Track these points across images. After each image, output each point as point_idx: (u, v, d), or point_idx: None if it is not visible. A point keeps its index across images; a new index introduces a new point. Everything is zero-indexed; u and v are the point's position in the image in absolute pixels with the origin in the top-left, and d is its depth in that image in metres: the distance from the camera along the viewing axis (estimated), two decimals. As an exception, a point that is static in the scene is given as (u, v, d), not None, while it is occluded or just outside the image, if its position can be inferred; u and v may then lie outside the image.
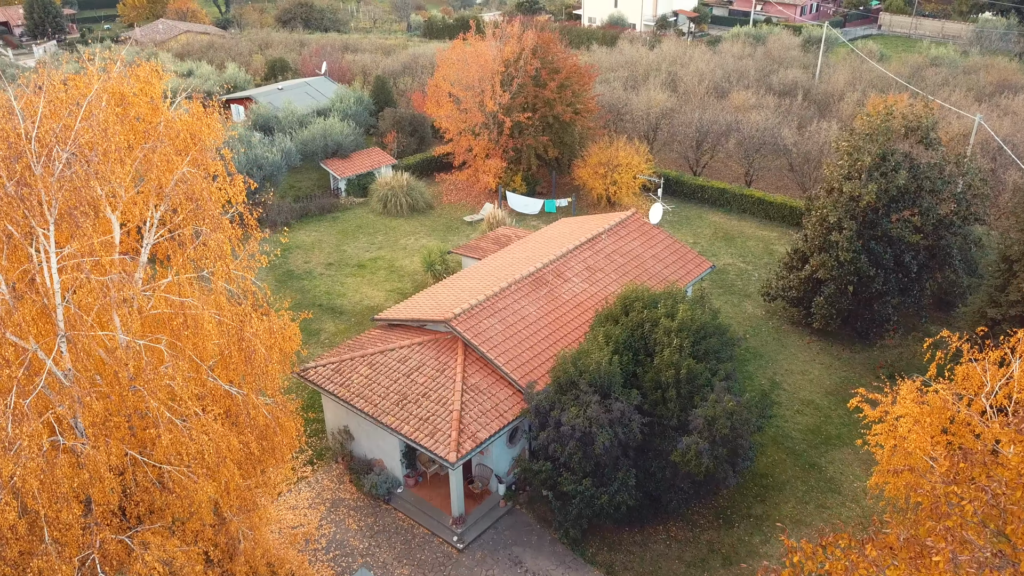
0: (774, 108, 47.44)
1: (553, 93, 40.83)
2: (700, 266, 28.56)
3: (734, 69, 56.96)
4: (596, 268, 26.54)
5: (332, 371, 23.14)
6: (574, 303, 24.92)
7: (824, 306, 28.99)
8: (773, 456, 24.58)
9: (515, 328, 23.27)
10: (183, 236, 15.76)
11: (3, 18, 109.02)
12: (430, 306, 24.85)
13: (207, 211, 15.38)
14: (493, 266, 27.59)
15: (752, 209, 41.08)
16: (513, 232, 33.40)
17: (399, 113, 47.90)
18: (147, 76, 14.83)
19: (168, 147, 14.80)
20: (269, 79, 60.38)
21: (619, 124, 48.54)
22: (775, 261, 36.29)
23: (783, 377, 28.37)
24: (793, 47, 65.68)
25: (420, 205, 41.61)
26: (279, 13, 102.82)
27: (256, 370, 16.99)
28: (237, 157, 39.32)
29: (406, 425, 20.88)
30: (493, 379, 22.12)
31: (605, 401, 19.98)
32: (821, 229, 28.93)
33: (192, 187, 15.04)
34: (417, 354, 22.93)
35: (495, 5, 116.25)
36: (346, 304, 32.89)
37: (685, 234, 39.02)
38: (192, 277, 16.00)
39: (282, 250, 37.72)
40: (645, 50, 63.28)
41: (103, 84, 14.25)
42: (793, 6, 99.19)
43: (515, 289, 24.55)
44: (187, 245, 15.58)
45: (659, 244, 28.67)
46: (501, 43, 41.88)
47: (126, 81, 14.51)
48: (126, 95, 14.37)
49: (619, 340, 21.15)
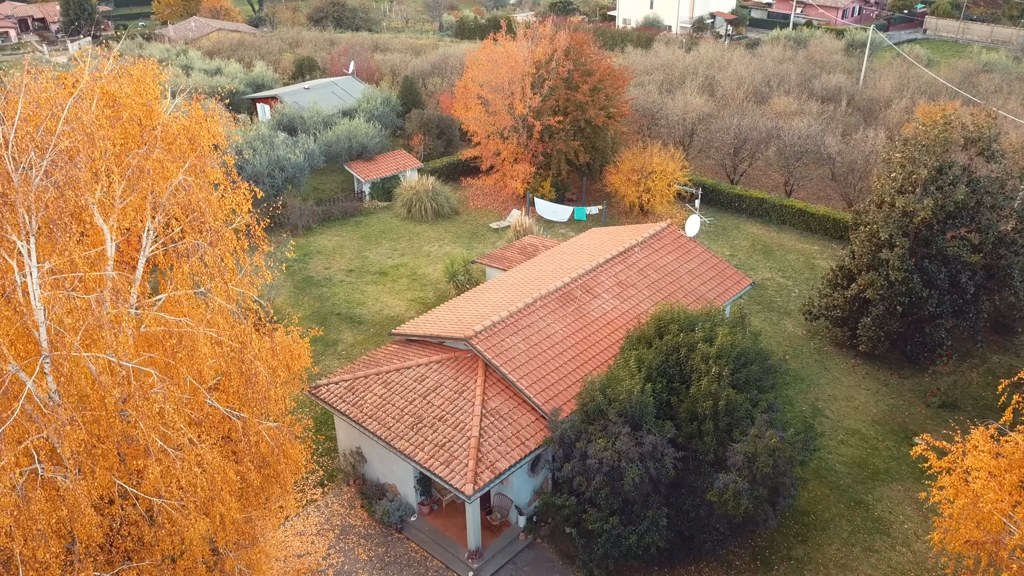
0: (817, 114, 45.36)
1: (586, 96, 39.25)
2: (739, 283, 26.81)
3: (774, 73, 54.89)
4: (628, 284, 24.94)
5: (345, 389, 21.82)
6: (604, 321, 23.35)
7: (872, 328, 27.10)
8: (815, 491, 22.78)
9: (540, 348, 21.77)
10: (181, 249, 14.52)
11: (40, 14, 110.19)
12: (450, 321, 23.45)
13: (206, 223, 14.10)
14: (518, 279, 26.12)
15: (792, 220, 39.13)
16: (540, 242, 31.89)
17: (426, 115, 46.64)
18: (141, 75, 13.58)
19: (162, 153, 13.54)
20: (296, 78, 59.54)
21: (653, 129, 46.83)
22: (817, 277, 34.39)
23: (826, 403, 26.51)
24: (835, 51, 63.35)
25: (445, 210, 40.27)
26: (311, 12, 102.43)
27: (258, 394, 15.71)
28: (258, 158, 38.34)
29: (420, 451, 19.48)
30: (515, 403, 20.64)
31: (636, 433, 18.40)
32: (870, 246, 27.04)
33: (189, 197, 13.77)
34: (435, 373, 21.53)
35: (528, 6, 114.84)
36: (365, 313, 31.63)
37: (722, 246, 37.22)
38: (190, 294, 14.75)
39: (302, 255, 36.61)
40: (681, 52, 61.41)
41: (93, 84, 13.03)
42: (834, 9, 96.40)
43: (540, 305, 23.05)
44: (184, 259, 14.32)
45: (695, 258, 26.99)
46: (532, 44, 40.41)
47: (118, 81, 13.26)
48: (118, 96, 13.12)
49: (652, 365, 19.55)
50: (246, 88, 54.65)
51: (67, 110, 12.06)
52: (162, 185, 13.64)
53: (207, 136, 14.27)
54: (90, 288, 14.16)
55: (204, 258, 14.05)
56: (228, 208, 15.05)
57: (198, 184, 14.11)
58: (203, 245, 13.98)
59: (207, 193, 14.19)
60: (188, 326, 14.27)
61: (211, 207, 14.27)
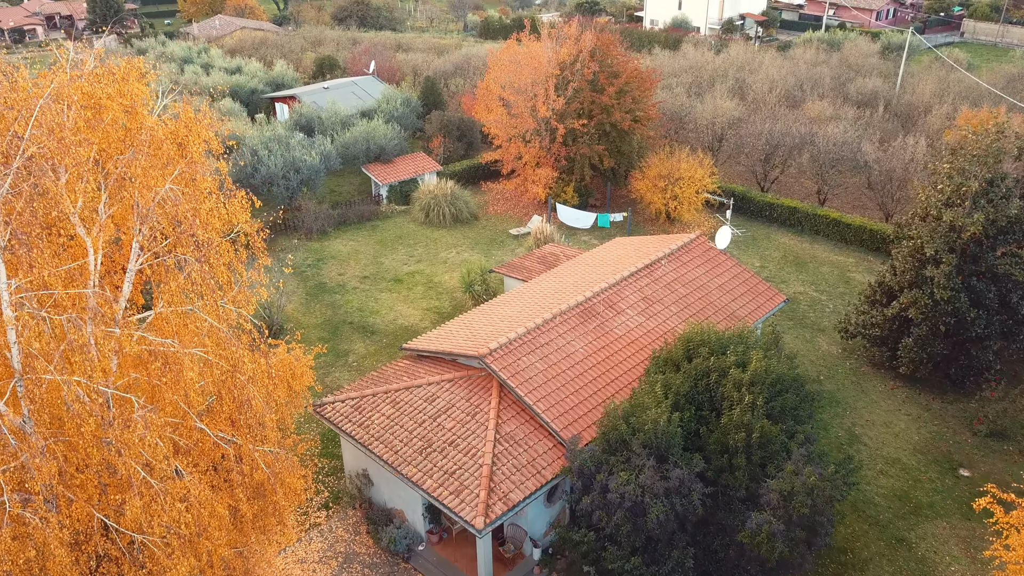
0: (852, 120, 43.51)
1: (611, 99, 37.79)
2: (772, 299, 25.25)
3: (807, 76, 53.01)
4: (654, 299, 23.49)
5: (351, 408, 20.60)
6: (628, 339, 21.93)
7: (913, 349, 25.41)
8: (853, 527, 21.18)
9: (559, 368, 20.40)
10: (167, 264, 13.35)
11: (67, 11, 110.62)
12: (464, 336, 22.15)
13: (195, 235, 12.91)
14: (537, 291, 24.77)
15: (826, 231, 37.39)
16: (561, 251, 30.51)
17: (447, 116, 45.42)
18: (125, 74, 12.40)
19: (147, 159, 12.37)
20: (317, 77, 58.66)
21: (680, 133, 45.26)
22: (852, 291, 32.69)
23: (863, 429, 24.87)
24: (871, 54, 61.26)
25: (464, 215, 39.01)
26: (335, 11, 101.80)
27: (252, 420, 14.51)
28: (273, 158, 37.33)
29: (429, 479, 18.19)
30: (531, 427, 19.29)
31: (661, 466, 16.96)
32: (913, 262, 25.37)
33: (176, 207, 12.59)
34: (446, 393, 20.23)
35: (554, 6, 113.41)
36: (379, 323, 30.44)
37: (751, 257, 35.60)
38: (180, 311, 13.57)
39: (315, 260, 35.53)
40: (711, 54, 59.68)
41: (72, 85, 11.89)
42: (868, 11, 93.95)
43: (560, 321, 21.68)
44: (172, 274, 13.16)
45: (726, 272, 25.46)
46: (557, 44, 39.03)
47: (99, 80, 12.10)
48: (99, 97, 11.96)
49: (680, 392, 18.10)
50: (265, 87, 53.82)
51: (36, 113, 10.91)
52: (146, 194, 12.47)
53: (197, 141, 13.07)
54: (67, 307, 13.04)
55: (192, 274, 12.85)
56: (222, 218, 13.86)
57: (187, 193, 12.93)
58: (190, 260, 12.78)
59: (196, 203, 12.99)
60: (173, 347, 13.10)
61: (201, 218, 13.07)
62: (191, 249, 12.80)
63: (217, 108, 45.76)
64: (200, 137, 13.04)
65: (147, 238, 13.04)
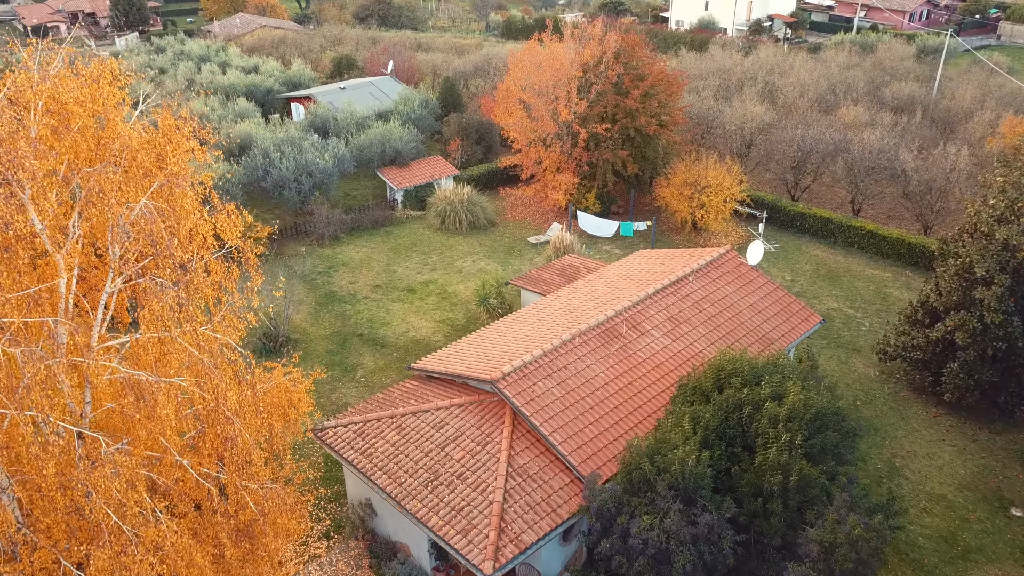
0: (889, 126, 41.57)
1: (636, 102, 36.22)
2: (807, 320, 23.60)
3: (840, 80, 51.05)
4: (681, 319, 21.93)
5: (354, 434, 19.26)
6: (652, 363, 20.40)
7: (959, 375, 23.63)
8: (896, 571, 19.48)
9: (577, 395, 18.92)
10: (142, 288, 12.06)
11: (90, 9, 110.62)
12: (476, 356, 20.74)
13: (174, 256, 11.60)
14: (555, 308, 23.30)
15: (861, 243, 35.55)
16: (582, 263, 29.01)
17: (465, 119, 44.03)
18: (97, 77, 11.11)
19: (118, 173, 11.08)
20: (334, 77, 57.57)
21: (707, 138, 43.56)
22: (889, 309, 30.89)
23: (904, 461, 23.13)
24: (906, 57, 59.08)
25: (481, 222, 37.61)
26: (357, 10, 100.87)
27: (237, 457, 13.18)
28: (285, 161, 36.17)
29: (435, 516, 16.79)
30: (546, 460, 17.83)
31: (689, 510, 15.45)
32: (961, 281, 23.58)
33: (152, 226, 11.28)
34: (456, 419, 18.83)
35: (577, 6, 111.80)
36: (389, 335, 29.10)
37: (782, 270, 33.87)
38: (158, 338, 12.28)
39: (327, 267, 34.29)
40: (739, 56, 57.85)
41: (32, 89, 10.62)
42: (901, 12, 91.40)
43: (580, 343, 20.20)
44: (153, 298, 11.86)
45: (757, 291, 23.84)
46: (580, 45, 37.52)
47: (66, 84, 10.82)
48: (66, 103, 10.68)
49: (710, 426, 16.58)
50: (281, 87, 52.80)
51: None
52: (119, 211, 11.17)
53: (179, 151, 11.75)
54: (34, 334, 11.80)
55: (168, 300, 11.53)
56: (208, 235, 12.55)
57: (164, 210, 11.61)
58: (165, 284, 11.46)
59: (176, 221, 11.66)
60: (147, 379, 11.81)
61: (181, 237, 11.75)
62: (168, 272, 11.47)
63: (231, 109, 44.75)
64: (181, 147, 11.71)
65: (121, 260, 11.76)
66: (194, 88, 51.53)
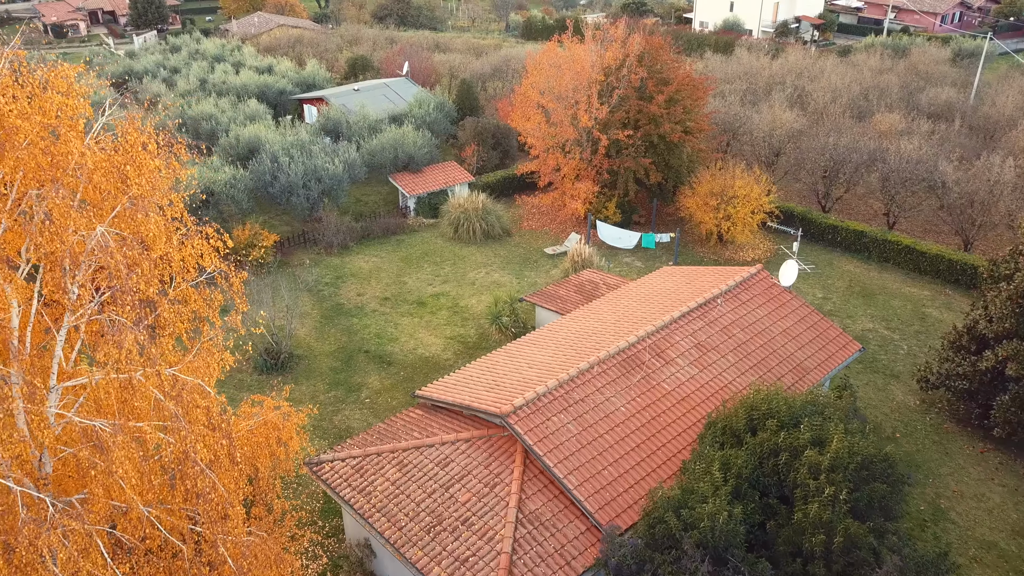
0: (926, 135, 39.53)
1: (660, 108, 34.50)
2: (845, 348, 21.82)
3: (872, 85, 48.97)
4: (709, 346, 20.25)
5: (352, 469, 17.77)
6: (678, 396, 18.74)
7: (1011, 408, 21.78)
8: (943, 630, 17.68)
9: (596, 431, 17.32)
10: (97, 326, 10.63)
11: (110, 7, 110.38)
12: (486, 385, 19.19)
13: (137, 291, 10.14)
14: (572, 331, 21.70)
15: (897, 258, 33.62)
16: (601, 278, 27.38)
17: (481, 123, 42.50)
18: (49, 84, 9.68)
19: (71, 196, 9.64)
20: (349, 78, 56.25)
21: (734, 146, 41.74)
22: (928, 330, 28.99)
23: (950, 502, 21.29)
24: (941, 61, 56.82)
25: (496, 231, 36.07)
26: (375, 9, 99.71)
27: (213, 512, 11.72)
28: (294, 166, 34.82)
29: (436, 566, 15.26)
30: (560, 505, 16.25)
31: (719, 571, 13.80)
32: (1015, 307, 21.72)
33: (110, 256, 9.83)
34: (462, 456, 17.29)
35: (599, 6, 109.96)
36: (397, 352, 27.62)
37: (812, 286, 32.03)
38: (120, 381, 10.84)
39: (334, 278, 32.89)
40: (767, 59, 55.86)
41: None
42: (933, 14, 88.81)
43: (599, 372, 18.58)
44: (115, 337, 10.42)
45: (791, 314, 22.10)
46: (602, 47, 35.86)
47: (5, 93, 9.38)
48: (5, 115, 9.25)
49: (742, 474, 14.92)
50: (294, 88, 51.54)
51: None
52: (69, 240, 9.73)
53: (144, 171, 10.28)
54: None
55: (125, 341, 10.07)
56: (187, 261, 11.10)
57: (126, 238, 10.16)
58: (122, 322, 9.99)
59: (138, 251, 10.20)
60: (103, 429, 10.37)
61: (145, 269, 10.28)
62: (128, 309, 10.01)
63: (241, 110, 43.52)
64: (147, 166, 10.25)
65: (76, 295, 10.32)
66: (206, 89, 50.40)
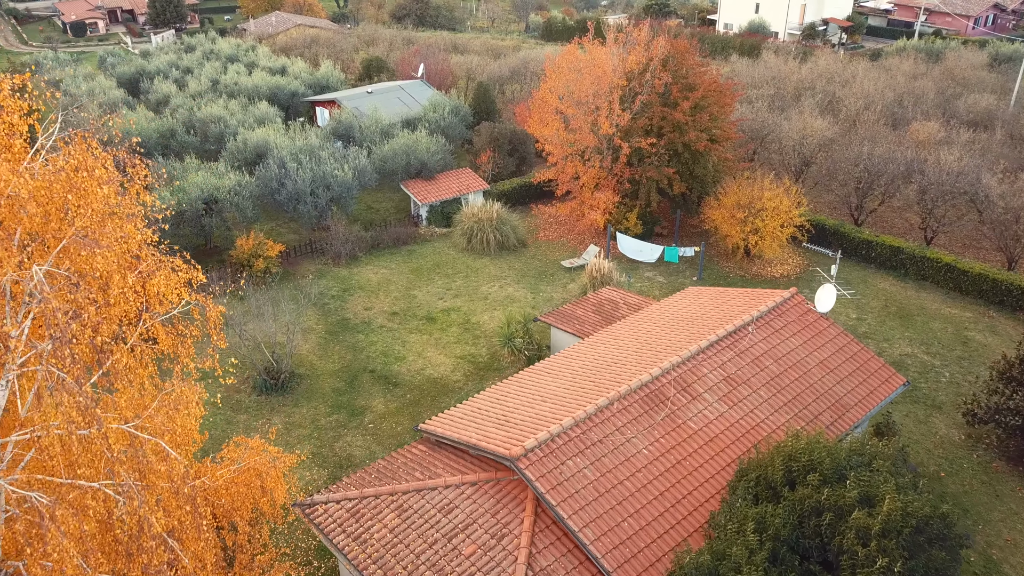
0: (966, 145, 37.48)
1: (685, 115, 32.76)
2: (888, 382, 20.03)
3: (907, 91, 46.88)
4: (739, 380, 18.56)
5: (347, 513, 16.27)
6: (705, 436, 17.07)
7: (1069, 450, 19.92)
8: None
9: (615, 477, 15.69)
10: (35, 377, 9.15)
11: (129, 6, 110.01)
12: (495, 420, 17.61)
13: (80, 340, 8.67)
14: (590, 359, 20.07)
15: (936, 277, 31.67)
16: (622, 297, 25.73)
17: (497, 128, 40.93)
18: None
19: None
20: (363, 80, 54.92)
21: (762, 154, 39.88)
22: (972, 356, 27.09)
23: (1003, 552, 19.44)
24: (979, 66, 54.55)
25: (511, 242, 34.50)
26: (394, 9, 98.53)
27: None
28: (302, 172, 33.45)
29: (436, 631, 13.72)
30: (575, 560, 14.64)
31: (754, 652, 12.15)
32: (1076, 340, 19.85)
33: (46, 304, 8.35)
34: (467, 502, 15.73)
35: (620, 7, 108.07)
36: (404, 372, 26.13)
37: (846, 306, 30.16)
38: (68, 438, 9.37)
39: (341, 290, 31.47)
40: (795, 63, 53.86)
41: None
42: (965, 17, 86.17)
43: (620, 409, 16.95)
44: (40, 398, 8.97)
45: (828, 344, 20.34)
46: (624, 51, 34.18)
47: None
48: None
49: (780, 535, 13.23)
50: (307, 90, 50.28)
51: None
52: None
53: (93, 201, 8.81)
54: None
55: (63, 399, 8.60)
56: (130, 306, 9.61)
57: (65, 281, 8.68)
58: (63, 377, 8.51)
59: (84, 292, 8.72)
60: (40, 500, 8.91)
61: (91, 314, 8.79)
62: (68, 361, 8.53)
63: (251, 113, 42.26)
64: (95, 195, 8.77)
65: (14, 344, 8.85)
66: (217, 90, 49.23)
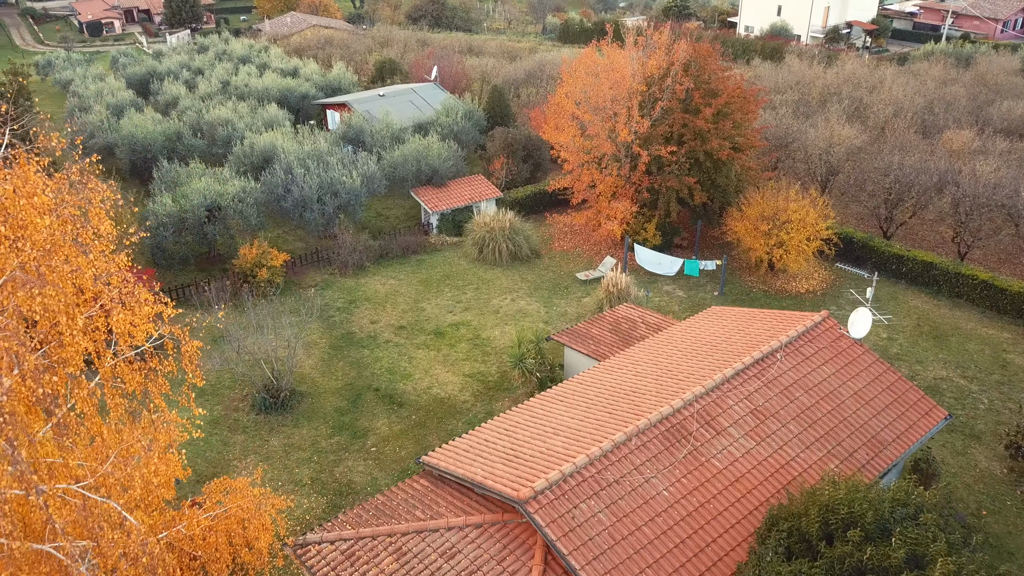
0: (1002, 155, 35.81)
1: (708, 122, 31.34)
2: (928, 415, 18.56)
3: (937, 97, 45.17)
4: (767, 412, 17.18)
5: (342, 555, 15.05)
6: (731, 476, 15.72)
7: (1124, 491, 18.37)
8: None
9: (632, 522, 14.37)
10: None
11: (145, 5, 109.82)
12: (502, 454, 16.33)
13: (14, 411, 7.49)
14: (606, 387, 18.75)
15: (971, 294, 30.05)
16: (640, 316, 24.39)
17: (511, 134, 39.67)
18: None
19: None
20: (376, 82, 53.85)
21: (786, 162, 38.37)
22: (1012, 380, 25.50)
23: (1051, 602, 17.95)
24: (1013, 71, 52.69)
25: (524, 252, 33.23)
26: (410, 10, 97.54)
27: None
28: (309, 178, 32.33)
29: None
30: (588, 617, 13.34)
31: None
32: None
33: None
34: (471, 547, 14.47)
35: (639, 9, 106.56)
36: (409, 392, 24.92)
37: (876, 325, 28.61)
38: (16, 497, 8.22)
39: (346, 302, 30.31)
40: (820, 68, 52.22)
41: None
42: (994, 20, 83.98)
43: (638, 446, 15.63)
44: None
45: (863, 373, 18.90)
46: (644, 55, 32.82)
47: None
48: None
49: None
50: (318, 92, 49.27)
51: None
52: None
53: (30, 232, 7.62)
54: None
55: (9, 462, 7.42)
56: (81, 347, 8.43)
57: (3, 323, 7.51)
58: None
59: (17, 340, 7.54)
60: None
61: (30, 366, 7.62)
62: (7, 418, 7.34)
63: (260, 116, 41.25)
64: (35, 226, 7.58)
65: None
66: (227, 92, 48.33)
